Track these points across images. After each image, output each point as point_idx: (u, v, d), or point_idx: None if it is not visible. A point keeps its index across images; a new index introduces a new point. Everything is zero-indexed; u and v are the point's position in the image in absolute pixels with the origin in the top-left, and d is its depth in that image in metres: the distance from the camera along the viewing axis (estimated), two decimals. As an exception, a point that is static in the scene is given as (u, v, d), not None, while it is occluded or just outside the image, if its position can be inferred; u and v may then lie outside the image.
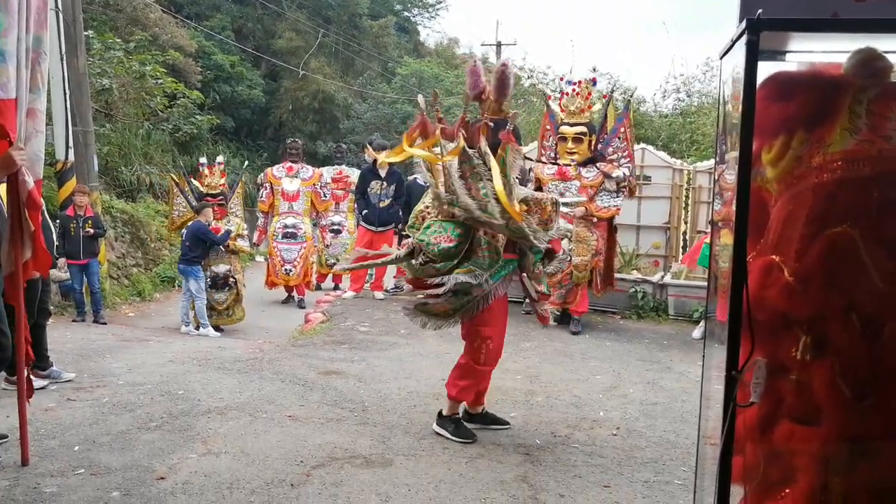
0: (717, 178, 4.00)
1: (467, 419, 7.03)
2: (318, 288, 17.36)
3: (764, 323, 3.36)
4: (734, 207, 3.24)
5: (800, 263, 3.37)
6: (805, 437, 3.43)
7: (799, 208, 3.39)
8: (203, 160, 14.65)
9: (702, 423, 4.16)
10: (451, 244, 6.20)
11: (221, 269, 13.46)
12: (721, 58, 3.63)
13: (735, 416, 3.29)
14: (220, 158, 14.57)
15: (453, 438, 6.75)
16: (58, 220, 13.22)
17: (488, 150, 6.26)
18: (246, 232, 14.02)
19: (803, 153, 3.41)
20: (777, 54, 3.47)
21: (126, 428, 6.77)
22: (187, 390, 8.03)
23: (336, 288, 17.01)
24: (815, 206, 3.36)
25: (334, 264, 16.55)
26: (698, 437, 4.20)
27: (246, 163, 23.25)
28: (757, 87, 3.18)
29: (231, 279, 13.47)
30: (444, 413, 6.95)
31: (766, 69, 3.32)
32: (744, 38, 3.13)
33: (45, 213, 8.27)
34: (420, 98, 6.88)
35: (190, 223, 13.29)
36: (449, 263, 6.20)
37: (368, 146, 15.25)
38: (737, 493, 3.46)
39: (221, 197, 13.93)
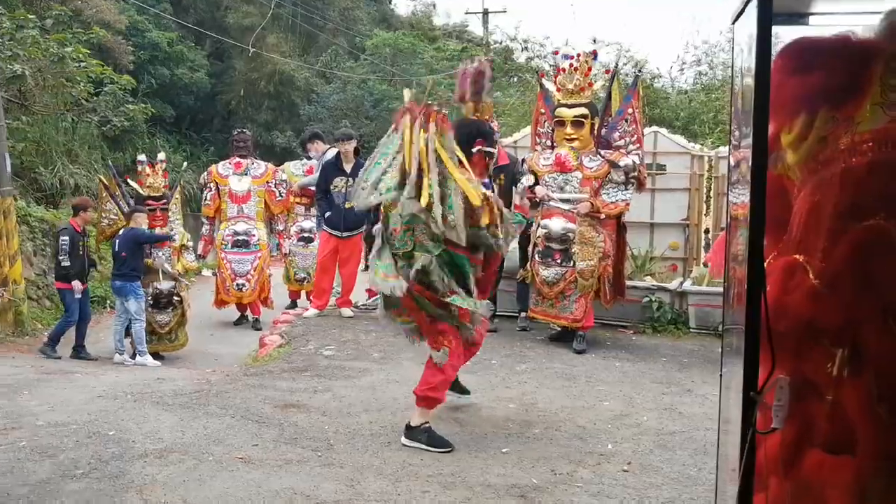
0: (733, 164, 3.99)
1: None
2: (294, 306, 16.97)
3: (786, 334, 3.36)
4: (748, 199, 3.24)
5: (827, 263, 3.37)
6: (838, 468, 3.43)
7: (825, 198, 3.39)
8: (142, 157, 14.51)
9: (720, 454, 4.17)
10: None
11: (165, 285, 13.41)
12: (733, 22, 3.62)
13: (755, 445, 3.29)
14: (161, 156, 14.55)
15: (429, 449, 7.10)
16: (62, 237, 13.40)
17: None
18: (191, 243, 13.97)
19: (828, 133, 3.41)
20: (797, 17, 3.47)
21: (47, 477, 6.73)
22: (120, 430, 7.99)
23: (294, 305, 16.73)
24: (843, 195, 3.35)
25: (304, 279, 16.49)
26: (717, 470, 4.22)
27: (185, 162, 23.04)
28: (773, 56, 3.18)
29: (176, 297, 13.42)
30: (414, 423, 7.25)
31: (784, 35, 3.33)
32: (756, -1, 3.12)
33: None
34: (406, 91, 7.35)
35: (121, 231, 13.28)
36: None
37: (317, 139, 15.25)
38: (761, 534, 3.47)
39: (164, 200, 13.89)
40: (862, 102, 3.35)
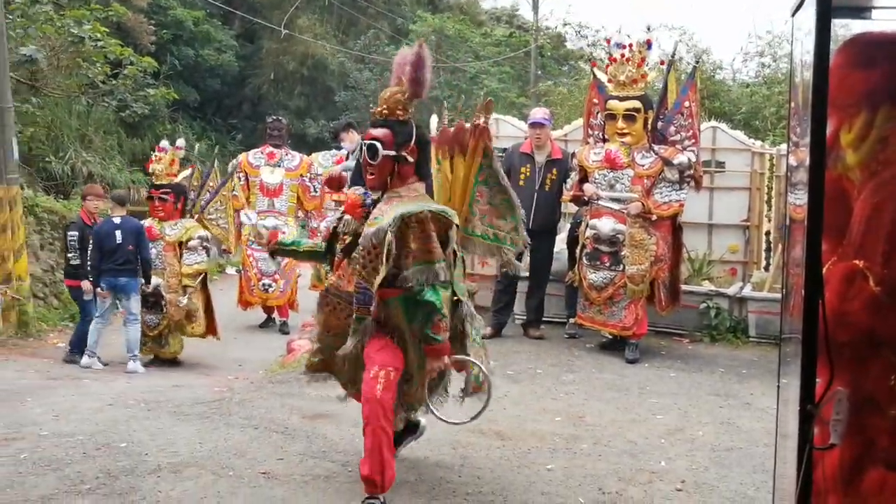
0: (792, 164, 4.03)
1: None
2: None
3: (846, 344, 3.39)
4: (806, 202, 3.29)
5: (888, 269, 3.40)
6: (902, 487, 3.47)
7: (886, 201, 3.42)
8: (165, 144, 14.12)
9: (777, 472, 4.21)
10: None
11: (155, 281, 13.14)
12: (792, 15, 3.66)
13: (812, 462, 3.33)
14: (179, 142, 14.30)
15: None
16: (69, 232, 13.53)
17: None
18: (196, 242, 13.53)
19: (889, 133, 3.45)
20: (859, 11, 3.51)
21: (50, 492, 6.79)
22: (131, 442, 8.05)
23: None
24: (906, 198, 3.40)
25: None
26: (773, 489, 4.27)
27: (215, 149, 22.99)
28: (834, 51, 3.24)
29: (162, 298, 13.21)
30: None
31: (845, 30, 3.38)
32: (815, -10, 3.17)
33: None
34: (433, 119, 7.43)
35: (116, 219, 13.04)
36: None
37: (351, 129, 15.24)
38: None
39: (168, 191, 13.51)
40: (925, 101, 3.40)
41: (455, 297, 6.52)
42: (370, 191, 6.55)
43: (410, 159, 6.48)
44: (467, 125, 6.94)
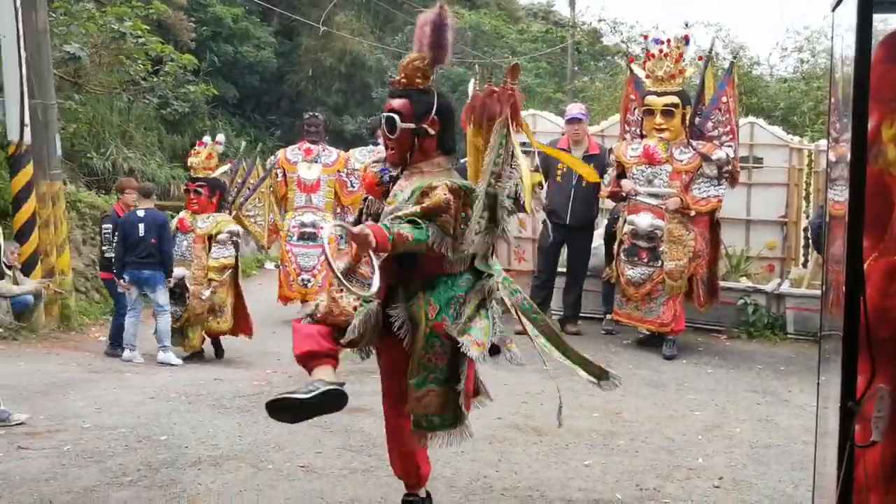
0: (833, 160, 4.01)
1: None
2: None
3: (888, 341, 3.36)
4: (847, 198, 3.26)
5: None
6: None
7: None
8: (207, 139, 14.06)
9: (817, 469, 4.18)
10: None
11: (177, 272, 13.02)
12: (833, 10, 3.65)
13: (853, 460, 3.30)
14: (219, 137, 14.24)
15: None
16: (104, 224, 13.59)
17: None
18: (226, 236, 13.38)
19: (931, 129, 3.42)
20: None
21: (93, 483, 6.83)
22: (172, 435, 8.11)
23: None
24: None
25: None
26: (813, 487, 4.23)
27: (257, 146, 22.79)
28: (874, 46, 3.21)
29: (186, 290, 13.09)
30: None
31: (885, 24, 3.35)
32: (856, -17, 3.15)
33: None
34: (471, 84, 6.91)
35: (140, 211, 12.99)
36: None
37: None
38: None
39: (202, 184, 13.37)
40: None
41: (487, 273, 5.88)
42: (391, 167, 6.04)
43: (431, 132, 5.85)
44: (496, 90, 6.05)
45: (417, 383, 5.67)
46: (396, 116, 5.74)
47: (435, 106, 5.85)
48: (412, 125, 5.75)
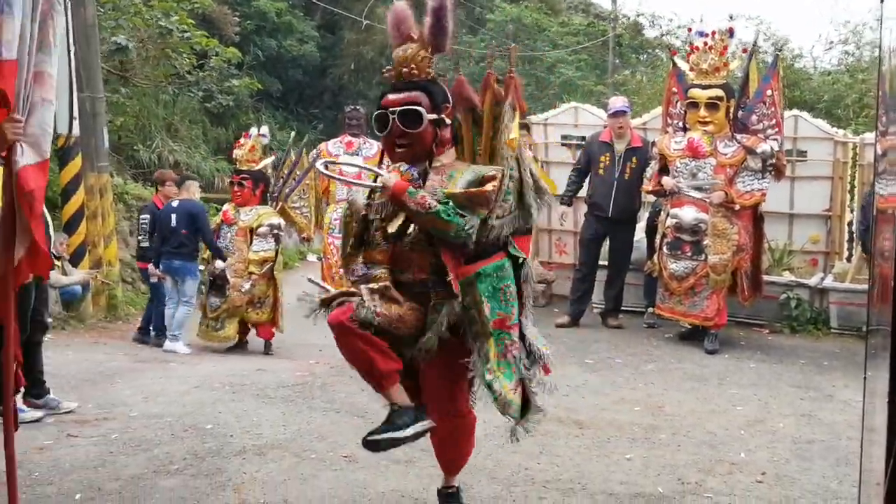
0: (879, 153, 3.96)
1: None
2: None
3: (938, 334, 3.34)
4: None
5: None
6: None
7: None
8: (254, 130, 14.04)
9: (864, 466, 4.15)
10: None
11: (220, 265, 12.95)
12: (882, 0, 3.61)
13: (901, 456, 3.27)
14: (264, 129, 14.16)
15: None
16: (142, 215, 13.77)
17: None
18: (280, 233, 13.37)
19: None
20: None
21: (140, 472, 6.88)
22: (217, 424, 8.16)
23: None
24: None
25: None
26: (860, 484, 4.20)
27: (303, 138, 22.67)
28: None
29: (227, 282, 13.00)
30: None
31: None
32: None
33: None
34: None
35: (175, 202, 13.13)
36: None
37: None
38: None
39: (246, 176, 13.31)
40: None
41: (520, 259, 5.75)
42: (410, 165, 5.70)
43: (448, 122, 5.65)
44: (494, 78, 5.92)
45: (507, 375, 5.65)
46: (421, 109, 5.47)
47: (448, 95, 5.68)
48: (435, 116, 5.53)
